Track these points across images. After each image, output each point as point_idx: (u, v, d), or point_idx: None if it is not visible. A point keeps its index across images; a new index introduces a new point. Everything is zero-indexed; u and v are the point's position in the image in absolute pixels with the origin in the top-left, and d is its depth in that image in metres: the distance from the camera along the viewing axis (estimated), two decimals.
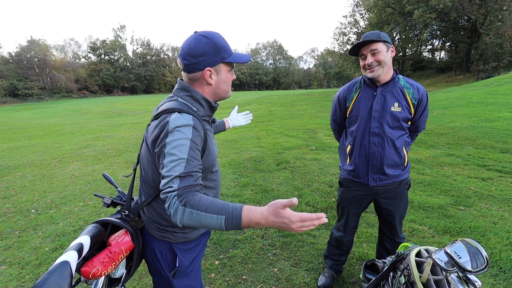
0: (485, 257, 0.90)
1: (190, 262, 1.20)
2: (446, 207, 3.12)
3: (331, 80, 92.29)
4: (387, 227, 1.89)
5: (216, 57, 1.03)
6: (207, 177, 1.15)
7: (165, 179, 0.91)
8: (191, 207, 0.84)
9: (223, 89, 1.12)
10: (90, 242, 0.98)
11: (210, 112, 1.14)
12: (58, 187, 4.36)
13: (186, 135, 0.94)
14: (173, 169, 0.91)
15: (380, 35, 1.52)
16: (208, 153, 1.08)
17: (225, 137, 7.70)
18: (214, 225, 0.83)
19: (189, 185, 0.89)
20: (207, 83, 1.07)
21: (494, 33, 22.63)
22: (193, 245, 1.21)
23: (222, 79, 1.09)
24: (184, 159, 0.92)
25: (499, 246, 2.39)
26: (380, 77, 1.58)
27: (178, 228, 1.13)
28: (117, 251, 1.03)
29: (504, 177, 3.88)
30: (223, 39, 1.07)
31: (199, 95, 1.07)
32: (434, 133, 6.48)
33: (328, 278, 2.06)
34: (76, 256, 0.91)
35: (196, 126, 0.98)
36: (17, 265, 2.44)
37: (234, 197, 3.67)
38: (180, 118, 0.96)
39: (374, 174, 1.68)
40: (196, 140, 0.97)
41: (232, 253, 2.49)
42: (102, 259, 0.99)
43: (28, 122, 14.69)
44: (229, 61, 1.07)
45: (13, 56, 44.79)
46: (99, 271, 0.96)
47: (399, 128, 1.63)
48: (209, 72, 1.04)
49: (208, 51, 1.01)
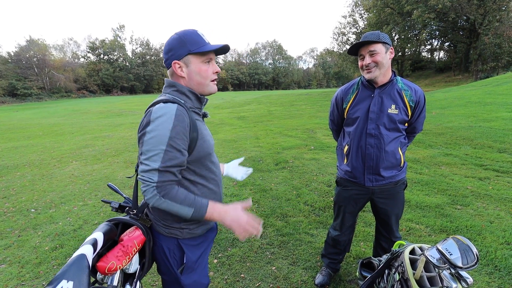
0: (475, 253, 0.93)
1: (197, 257, 1.23)
2: (443, 206, 3.14)
3: (330, 80, 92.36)
4: (384, 227, 1.91)
5: (182, 50, 1.06)
6: (207, 166, 1.17)
7: (143, 166, 0.99)
8: (169, 199, 0.99)
9: (197, 81, 1.11)
10: (104, 238, 1.03)
11: (199, 104, 1.15)
12: (57, 187, 4.38)
13: (166, 124, 0.97)
14: (151, 158, 0.98)
15: (380, 36, 1.52)
16: (202, 141, 1.10)
17: (224, 137, 7.72)
18: (183, 214, 1.02)
19: (168, 180, 0.99)
20: (178, 75, 1.10)
21: (493, 33, 22.69)
22: (200, 241, 1.24)
23: (194, 70, 1.09)
24: (163, 149, 0.97)
25: (494, 244, 2.42)
26: (377, 79, 1.59)
27: (184, 223, 1.16)
28: (130, 245, 1.07)
29: (501, 177, 3.91)
30: (195, 33, 1.09)
31: (185, 88, 1.10)
32: (432, 133, 6.51)
33: (325, 276, 2.08)
34: (92, 250, 0.95)
35: (179, 114, 1.00)
36: (17, 264, 2.46)
37: (233, 196, 3.70)
38: (162, 108, 1.00)
39: (370, 175, 1.70)
40: (179, 129, 0.99)
41: (231, 252, 2.51)
42: (116, 254, 1.03)
43: (27, 122, 14.68)
44: (196, 51, 1.06)
45: (12, 56, 44.72)
46: (114, 265, 1.00)
47: (396, 130, 1.64)
48: (177, 65, 1.08)
49: (175, 45, 1.07)
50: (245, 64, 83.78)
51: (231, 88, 74.78)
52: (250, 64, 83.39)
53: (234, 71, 77.29)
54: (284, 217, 3.11)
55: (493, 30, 22.67)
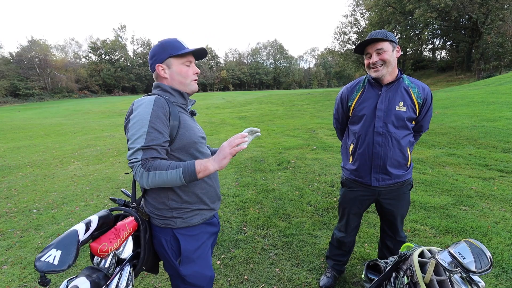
0: (489, 257, 0.90)
1: (195, 248, 1.25)
2: (448, 207, 3.11)
3: (332, 79, 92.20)
4: (389, 227, 1.89)
5: (163, 54, 1.21)
6: (194, 155, 1.23)
7: (130, 151, 1.07)
8: (154, 170, 1.03)
9: (178, 81, 1.25)
10: (98, 221, 1.11)
11: (183, 100, 1.27)
12: (59, 187, 4.37)
13: (146, 109, 1.09)
14: (136, 141, 1.06)
15: (387, 34, 1.52)
16: (184, 130, 1.18)
17: (225, 137, 7.70)
18: (174, 178, 1.04)
19: (151, 156, 1.05)
20: (162, 77, 1.24)
21: (495, 32, 22.56)
22: (197, 232, 1.27)
23: (175, 71, 1.23)
24: (145, 131, 1.05)
25: (501, 246, 2.39)
26: (384, 77, 1.57)
27: (175, 211, 1.21)
28: (121, 228, 1.14)
29: (505, 177, 3.87)
30: (176, 40, 1.24)
31: (167, 86, 1.23)
32: (435, 133, 6.47)
33: (330, 278, 2.05)
34: (84, 228, 1.04)
35: (157, 101, 1.11)
36: (19, 265, 2.45)
37: (235, 197, 3.68)
38: (142, 99, 1.14)
39: (377, 174, 1.67)
40: (157, 113, 1.09)
41: (234, 253, 2.49)
42: (108, 236, 1.11)
43: (29, 122, 14.72)
44: (175, 54, 1.21)
45: (14, 56, 44.84)
46: (106, 247, 1.07)
47: (404, 127, 1.62)
48: (160, 68, 1.23)
49: (157, 51, 1.22)
50: (246, 64, 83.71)
51: (232, 88, 74.77)
52: (251, 64, 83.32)
53: (235, 71, 77.26)
54: (287, 218, 3.09)
55: (495, 29, 22.55)
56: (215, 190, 1.35)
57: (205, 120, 12.12)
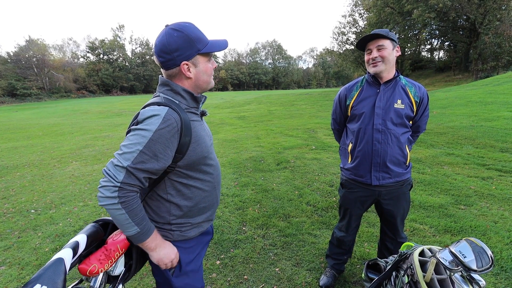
0: (490, 256, 0.90)
1: (189, 261, 1.20)
2: (447, 206, 3.12)
3: (330, 79, 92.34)
4: (389, 228, 1.89)
5: (191, 49, 1.01)
6: (202, 169, 1.13)
7: (113, 160, 0.94)
8: (124, 208, 0.92)
9: (204, 80, 1.09)
10: (87, 241, 1.01)
11: (195, 104, 1.11)
12: (57, 187, 4.35)
13: (152, 126, 0.93)
14: (124, 155, 0.93)
15: (389, 33, 1.56)
16: (196, 144, 1.06)
17: (224, 137, 7.69)
18: (125, 228, 0.96)
19: (132, 184, 0.93)
20: (186, 77, 1.05)
21: (493, 33, 22.64)
22: (192, 244, 1.21)
23: (201, 70, 1.06)
24: (138, 150, 0.92)
25: (500, 245, 2.40)
26: (382, 74, 1.60)
27: (175, 225, 1.13)
28: (113, 249, 1.05)
29: (504, 176, 3.88)
30: (196, 28, 1.03)
31: (179, 87, 1.05)
32: (434, 133, 6.49)
33: (329, 278, 2.05)
34: (71, 254, 0.94)
35: (168, 118, 0.95)
36: (17, 266, 2.43)
37: (235, 196, 3.67)
38: (151, 110, 0.97)
39: (377, 172, 1.68)
40: (163, 132, 0.94)
41: (233, 253, 2.48)
42: (98, 257, 1.01)
43: (26, 122, 14.64)
44: (206, 51, 1.04)
45: (12, 56, 44.65)
46: (96, 268, 0.98)
47: (402, 125, 1.64)
48: (186, 66, 1.02)
49: (181, 45, 0.99)
50: (245, 64, 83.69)
51: (231, 88, 74.69)
52: (250, 64, 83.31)
53: (234, 71, 77.22)
54: (287, 218, 3.08)
55: (493, 29, 22.63)
56: (218, 200, 1.28)
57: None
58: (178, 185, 1.09)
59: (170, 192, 1.09)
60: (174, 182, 1.08)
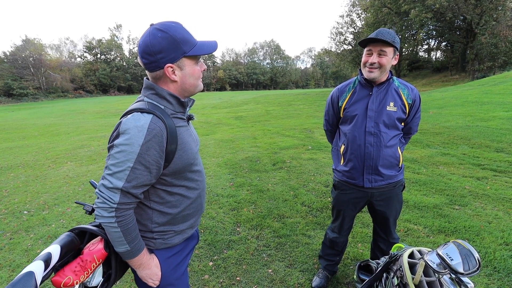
0: (477, 259, 0.89)
1: (171, 268, 1.15)
2: (441, 207, 3.12)
3: (328, 79, 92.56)
4: (382, 229, 1.88)
5: (176, 52, 0.94)
6: (187, 176, 1.10)
7: (105, 182, 0.91)
8: (120, 227, 0.93)
9: (191, 84, 1.03)
10: (60, 252, 0.95)
11: (181, 109, 1.06)
12: (51, 188, 4.31)
13: (137, 138, 0.89)
14: (116, 175, 0.90)
15: (395, 40, 1.50)
16: (182, 152, 1.02)
17: (221, 137, 7.67)
18: (116, 245, 0.97)
19: (129, 201, 0.93)
20: (171, 80, 1.00)
21: (489, 33, 22.78)
22: (176, 251, 1.16)
23: (188, 73, 1.01)
24: (129, 167, 0.89)
25: (493, 245, 2.40)
26: (376, 78, 1.59)
27: (157, 233, 1.09)
28: (89, 260, 0.99)
29: (498, 176, 3.89)
30: (183, 29, 0.97)
31: (165, 91, 1.00)
32: (430, 133, 6.51)
33: (322, 279, 2.04)
34: (43, 266, 0.88)
35: (153, 128, 0.91)
36: (8, 268, 2.40)
37: (230, 197, 3.65)
38: (134, 120, 0.91)
39: (369, 175, 1.67)
40: (150, 144, 0.91)
41: (226, 254, 2.47)
42: (73, 268, 0.95)
43: (22, 122, 14.54)
44: (192, 54, 0.98)
45: (8, 56, 44.36)
46: (71, 281, 0.92)
47: (394, 127, 1.63)
48: (171, 69, 0.97)
49: (165, 46, 0.93)
50: (243, 64, 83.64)
51: (229, 88, 74.66)
52: (248, 64, 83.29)
53: (232, 71, 77.16)
54: (281, 218, 3.07)
55: (489, 29, 22.77)
56: (202, 207, 1.24)
57: (201, 120, 12.07)
58: (162, 192, 1.05)
59: (153, 200, 1.06)
60: (157, 190, 1.05)
